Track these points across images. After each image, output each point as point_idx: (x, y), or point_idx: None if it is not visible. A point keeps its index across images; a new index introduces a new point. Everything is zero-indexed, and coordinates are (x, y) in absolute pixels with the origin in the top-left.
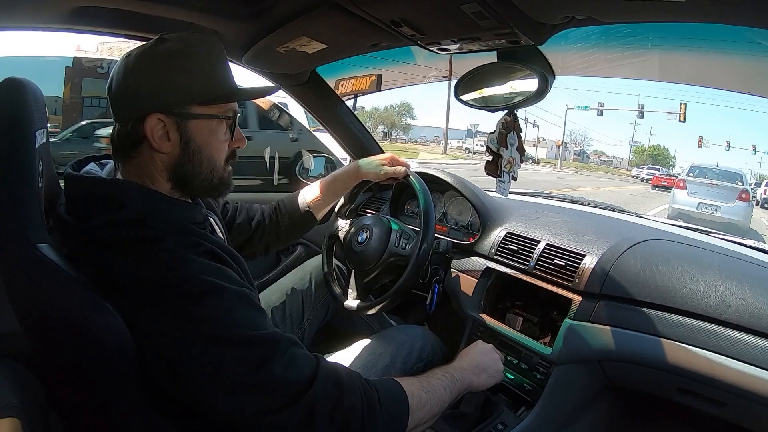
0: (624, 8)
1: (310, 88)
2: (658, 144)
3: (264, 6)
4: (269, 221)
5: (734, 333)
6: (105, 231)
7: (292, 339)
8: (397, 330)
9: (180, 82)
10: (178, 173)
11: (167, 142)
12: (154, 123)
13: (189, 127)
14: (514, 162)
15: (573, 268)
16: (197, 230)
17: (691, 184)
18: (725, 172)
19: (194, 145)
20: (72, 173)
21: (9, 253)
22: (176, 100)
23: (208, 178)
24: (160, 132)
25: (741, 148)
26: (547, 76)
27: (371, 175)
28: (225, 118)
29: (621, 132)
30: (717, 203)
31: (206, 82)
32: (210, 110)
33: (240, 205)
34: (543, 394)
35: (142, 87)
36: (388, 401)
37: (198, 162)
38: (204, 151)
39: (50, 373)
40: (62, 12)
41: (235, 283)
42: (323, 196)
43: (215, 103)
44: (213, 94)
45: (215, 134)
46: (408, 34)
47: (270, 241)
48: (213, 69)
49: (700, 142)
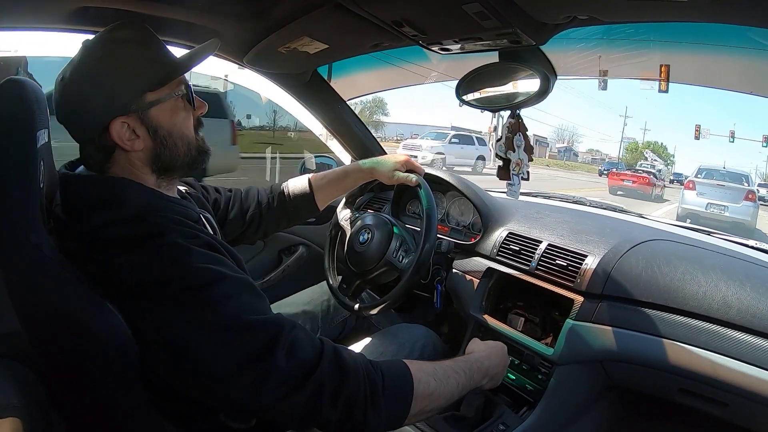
0: (625, 8)
1: (312, 88)
2: (655, 141)
3: (265, 6)
4: (266, 209)
5: (736, 334)
6: (106, 230)
7: (294, 323)
8: (399, 329)
9: (125, 79)
10: (158, 163)
11: (137, 140)
12: (118, 127)
13: (151, 116)
14: (522, 163)
15: (575, 269)
16: (194, 225)
17: (699, 185)
18: (732, 173)
19: (163, 131)
20: (68, 173)
21: (10, 253)
22: (128, 97)
23: (187, 154)
24: (127, 134)
25: (749, 140)
26: (549, 76)
27: (383, 177)
28: (180, 95)
29: (610, 126)
30: (725, 203)
31: (148, 68)
32: (163, 93)
33: (234, 196)
34: (545, 394)
35: (92, 100)
36: (392, 384)
37: (172, 145)
38: (174, 133)
39: (51, 372)
40: (63, 12)
41: (235, 272)
42: (331, 188)
43: (164, 84)
44: (159, 77)
45: (177, 113)
46: (410, 34)
47: (268, 228)
48: (148, 53)
49: (697, 132)
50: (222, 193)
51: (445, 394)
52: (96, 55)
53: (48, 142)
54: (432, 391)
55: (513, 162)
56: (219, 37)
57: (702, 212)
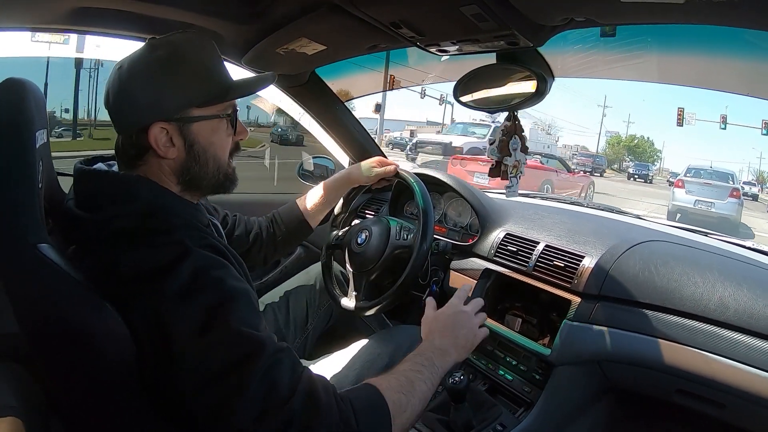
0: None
1: (309, 90)
2: (642, 135)
3: (263, 7)
4: (266, 234)
5: (733, 334)
6: (115, 222)
7: (282, 347)
8: (396, 330)
9: (177, 87)
10: (186, 176)
11: (172, 148)
12: (157, 132)
13: (191, 130)
14: (519, 164)
15: (572, 270)
16: (203, 228)
17: (688, 183)
18: (718, 172)
19: (198, 147)
20: (84, 168)
21: (9, 253)
22: (176, 106)
23: (215, 176)
24: (164, 139)
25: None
26: (546, 78)
27: (363, 179)
28: (225, 116)
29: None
30: (711, 200)
31: (202, 84)
32: (210, 111)
33: (239, 218)
34: (542, 395)
35: (140, 98)
36: (366, 415)
37: (204, 162)
38: (209, 151)
39: (49, 374)
40: (62, 12)
41: (237, 280)
42: (317, 205)
43: (214, 103)
44: (211, 95)
45: (217, 133)
46: (407, 36)
47: (268, 253)
48: (207, 69)
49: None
50: (228, 214)
51: (419, 399)
52: (157, 55)
53: (47, 142)
54: (404, 404)
55: (510, 165)
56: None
57: (690, 208)
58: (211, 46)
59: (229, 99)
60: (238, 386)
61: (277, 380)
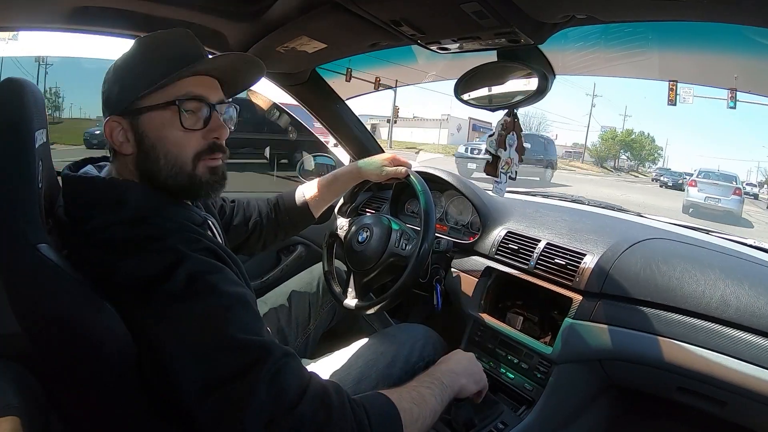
0: (624, 7)
1: (310, 88)
2: (641, 131)
3: (264, 5)
4: (267, 220)
5: (734, 332)
6: (105, 232)
7: (287, 351)
8: (398, 329)
9: (128, 79)
10: (145, 174)
11: (126, 143)
12: (112, 126)
13: (141, 122)
14: (512, 162)
15: (573, 268)
16: (197, 229)
17: (700, 183)
18: (724, 174)
19: (148, 142)
20: (70, 174)
21: (9, 253)
22: (123, 97)
23: (172, 176)
24: (117, 134)
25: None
26: (547, 75)
27: (373, 176)
28: (180, 103)
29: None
30: (718, 197)
31: (148, 70)
32: (157, 98)
33: (237, 205)
34: (543, 393)
35: (105, 93)
36: (379, 423)
37: (155, 159)
38: (158, 147)
39: (50, 373)
40: (62, 12)
41: (234, 285)
42: (323, 194)
43: (158, 86)
44: (153, 77)
45: (169, 126)
46: (408, 34)
47: (267, 239)
48: (157, 55)
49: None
50: (226, 201)
51: (430, 412)
52: (127, 51)
53: (47, 142)
54: (417, 415)
55: (503, 160)
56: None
57: (702, 203)
58: (189, 40)
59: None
60: (245, 393)
61: (285, 385)
